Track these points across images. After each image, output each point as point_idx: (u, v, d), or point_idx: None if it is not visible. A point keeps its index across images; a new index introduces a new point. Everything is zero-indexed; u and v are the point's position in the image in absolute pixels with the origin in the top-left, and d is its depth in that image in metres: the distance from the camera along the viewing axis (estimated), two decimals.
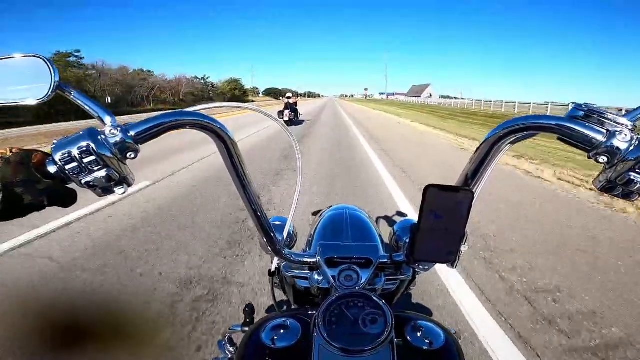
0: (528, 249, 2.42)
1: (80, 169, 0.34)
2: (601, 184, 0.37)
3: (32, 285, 1.93)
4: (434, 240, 0.45)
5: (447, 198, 0.43)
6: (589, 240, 2.59)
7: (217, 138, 0.43)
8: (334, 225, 0.78)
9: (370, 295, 0.48)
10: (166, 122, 0.38)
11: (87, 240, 2.50)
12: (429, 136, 9.18)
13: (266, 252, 0.60)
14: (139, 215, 2.99)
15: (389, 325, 0.44)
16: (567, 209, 3.29)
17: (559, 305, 1.79)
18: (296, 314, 0.53)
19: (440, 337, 0.48)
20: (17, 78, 0.40)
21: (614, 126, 0.34)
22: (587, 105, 0.36)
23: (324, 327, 0.44)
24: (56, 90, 0.37)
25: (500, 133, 0.40)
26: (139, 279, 2.00)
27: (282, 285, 0.75)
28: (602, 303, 1.80)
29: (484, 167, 0.44)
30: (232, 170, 0.48)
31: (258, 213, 0.54)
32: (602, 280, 2.02)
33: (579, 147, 0.36)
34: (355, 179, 4.38)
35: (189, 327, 1.59)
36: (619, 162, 0.34)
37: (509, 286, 1.96)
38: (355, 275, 0.57)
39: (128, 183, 0.38)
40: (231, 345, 0.70)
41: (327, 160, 5.58)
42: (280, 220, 0.73)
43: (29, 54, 0.40)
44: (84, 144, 0.34)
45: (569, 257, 2.31)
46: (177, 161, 5.31)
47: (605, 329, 1.61)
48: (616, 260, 2.27)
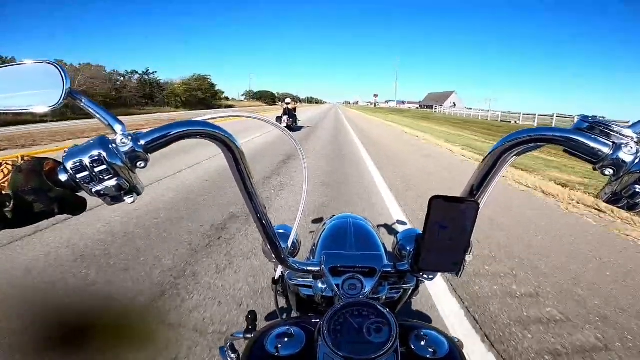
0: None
1: (91, 177, 0.34)
2: (607, 196, 0.37)
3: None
4: (439, 251, 0.45)
5: (452, 209, 0.43)
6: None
7: (225, 147, 0.43)
8: (338, 234, 0.79)
9: (375, 305, 0.48)
10: (175, 132, 0.38)
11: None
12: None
13: (270, 260, 0.60)
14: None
15: (394, 334, 0.44)
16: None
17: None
18: (300, 322, 0.53)
19: (444, 346, 0.48)
20: (29, 84, 0.40)
21: (619, 138, 0.35)
22: (594, 118, 0.37)
23: (329, 335, 0.44)
24: (67, 97, 0.38)
25: (506, 145, 0.41)
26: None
27: (286, 293, 0.75)
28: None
29: (490, 179, 0.45)
30: (239, 179, 0.48)
31: (263, 221, 0.54)
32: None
33: (585, 159, 0.36)
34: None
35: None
36: (625, 174, 0.34)
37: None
38: (359, 284, 0.58)
39: (137, 192, 0.38)
40: (233, 352, 0.70)
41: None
42: (284, 229, 0.73)
43: (40, 60, 0.41)
44: (95, 153, 0.34)
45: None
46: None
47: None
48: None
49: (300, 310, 0.73)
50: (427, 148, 8.43)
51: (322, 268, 0.60)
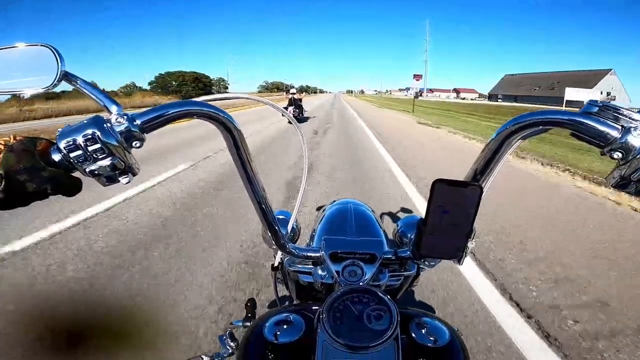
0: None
1: (85, 157, 0.34)
2: (615, 181, 0.36)
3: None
4: (441, 236, 0.44)
5: (455, 193, 0.42)
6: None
7: (224, 128, 0.43)
8: (338, 220, 0.78)
9: (376, 291, 0.47)
10: (172, 112, 0.38)
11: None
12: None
13: (269, 246, 0.60)
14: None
15: (394, 321, 0.43)
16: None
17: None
18: (299, 309, 0.52)
19: (444, 335, 0.48)
20: (24, 67, 0.40)
21: (629, 122, 0.34)
22: (602, 102, 0.36)
23: (328, 322, 0.43)
24: (62, 78, 0.38)
25: (512, 128, 0.39)
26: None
27: (285, 280, 0.75)
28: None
29: (494, 162, 0.44)
30: (238, 162, 0.47)
31: (263, 206, 0.53)
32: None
33: (592, 142, 0.35)
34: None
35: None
36: (633, 158, 0.33)
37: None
38: (360, 271, 0.57)
39: (133, 172, 0.38)
40: (232, 340, 0.70)
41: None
42: (284, 215, 0.72)
43: (35, 42, 0.41)
44: (89, 132, 0.34)
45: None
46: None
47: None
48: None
49: (299, 297, 0.72)
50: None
51: (322, 254, 0.59)
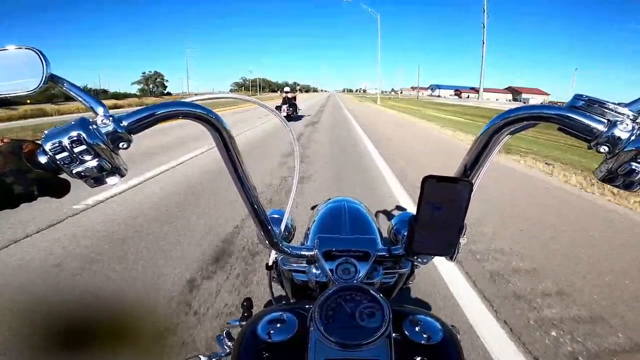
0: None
1: (71, 158, 0.34)
2: (602, 174, 0.36)
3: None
4: (433, 233, 0.45)
5: (445, 189, 0.42)
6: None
7: (213, 129, 0.43)
8: (332, 218, 0.78)
9: (367, 289, 0.48)
10: (159, 112, 0.38)
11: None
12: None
13: (263, 245, 0.59)
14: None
15: (386, 319, 0.43)
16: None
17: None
18: (293, 308, 0.52)
19: (438, 332, 0.48)
20: (9, 70, 0.41)
21: (615, 116, 0.34)
22: (588, 96, 0.36)
23: (320, 320, 0.43)
24: (48, 81, 0.38)
25: (500, 123, 0.40)
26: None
27: (280, 279, 0.75)
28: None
29: (483, 158, 0.44)
30: (228, 162, 0.47)
31: (255, 205, 0.53)
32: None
33: (579, 137, 0.35)
34: None
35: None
36: (620, 152, 0.33)
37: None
38: (353, 269, 0.57)
39: (120, 173, 0.38)
40: (229, 339, 0.70)
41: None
42: (277, 214, 0.72)
43: (21, 46, 0.41)
44: (74, 134, 0.34)
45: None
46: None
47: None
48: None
49: (295, 296, 0.73)
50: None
51: (316, 252, 0.59)
